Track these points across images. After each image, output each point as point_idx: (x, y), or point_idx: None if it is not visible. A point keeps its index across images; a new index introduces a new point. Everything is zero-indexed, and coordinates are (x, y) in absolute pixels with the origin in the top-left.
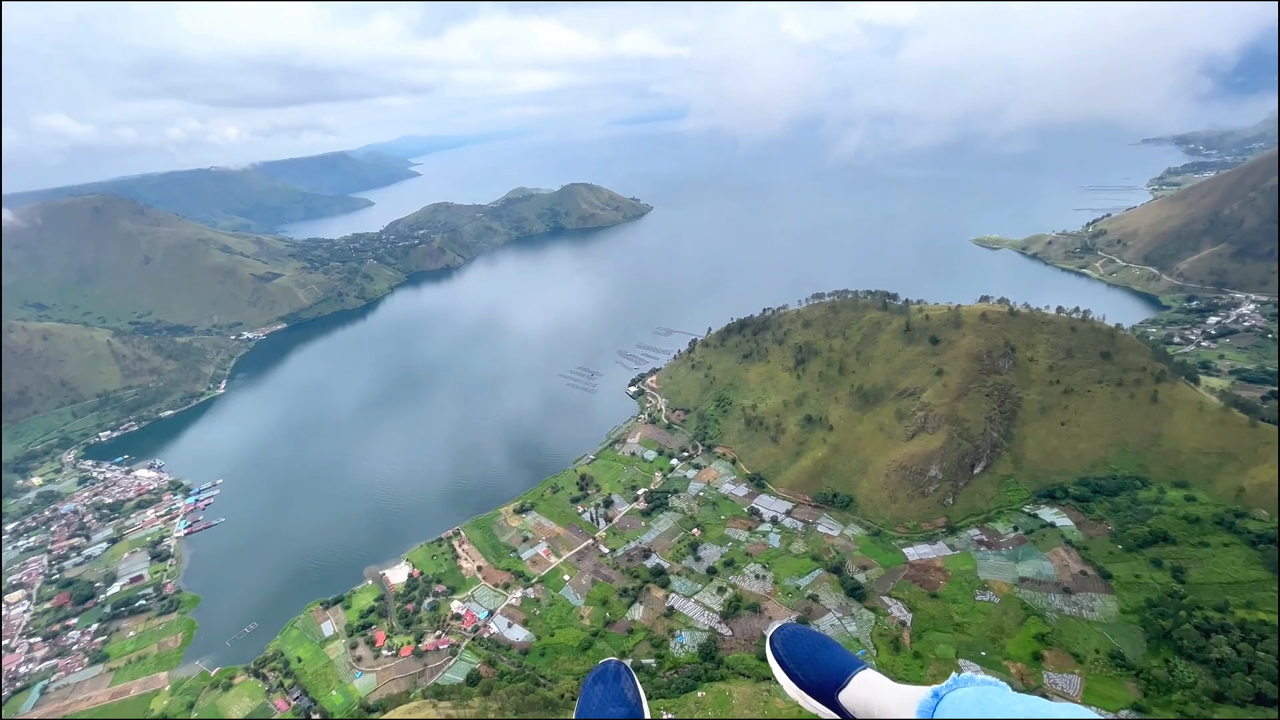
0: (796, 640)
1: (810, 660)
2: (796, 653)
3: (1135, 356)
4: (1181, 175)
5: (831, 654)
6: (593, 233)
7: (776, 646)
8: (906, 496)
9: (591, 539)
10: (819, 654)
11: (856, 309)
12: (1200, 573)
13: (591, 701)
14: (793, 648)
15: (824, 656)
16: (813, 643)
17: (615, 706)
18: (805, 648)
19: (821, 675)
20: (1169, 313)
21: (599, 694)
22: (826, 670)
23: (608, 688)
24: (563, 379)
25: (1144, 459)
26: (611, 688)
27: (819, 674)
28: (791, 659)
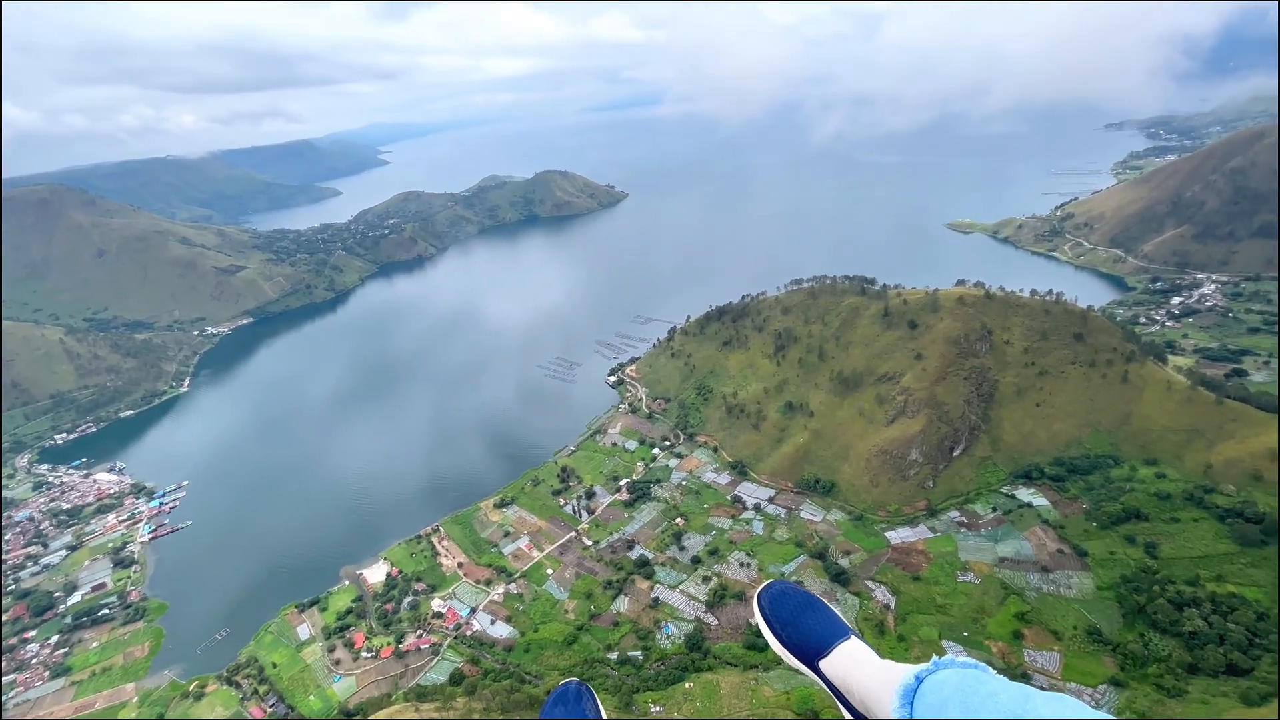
0: (784, 599)
1: (795, 621)
2: (782, 612)
3: (1106, 338)
4: (1143, 159)
5: (817, 618)
6: (567, 221)
7: (764, 603)
8: (888, 480)
9: (574, 532)
10: (804, 616)
11: (835, 294)
12: (1172, 548)
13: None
14: (779, 607)
15: (809, 619)
16: (799, 603)
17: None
18: (791, 608)
19: (805, 638)
20: (1135, 294)
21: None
22: (810, 634)
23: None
24: (541, 369)
25: (1116, 438)
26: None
27: (802, 637)
28: (777, 618)
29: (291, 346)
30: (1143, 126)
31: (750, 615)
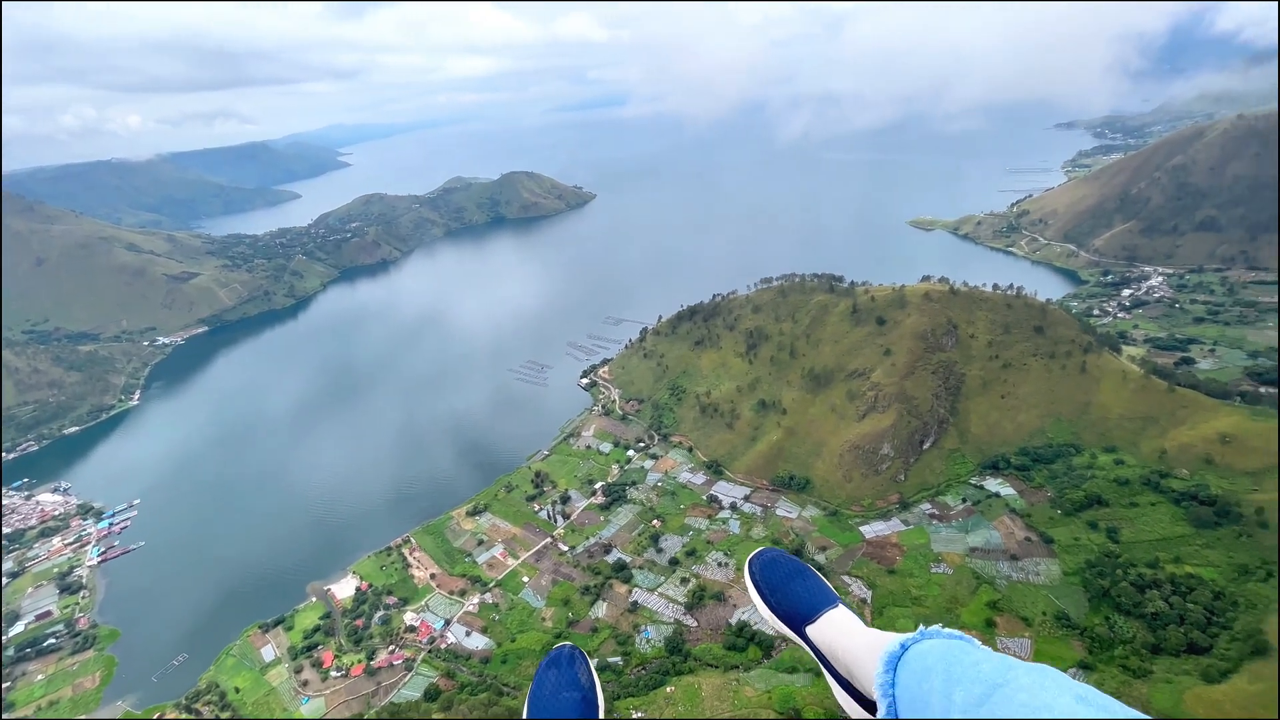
0: (774, 566)
1: (784, 588)
2: (772, 579)
3: (1064, 330)
4: (1091, 157)
5: (806, 585)
6: (535, 222)
7: (754, 570)
8: (861, 475)
9: (550, 537)
10: (793, 583)
11: (804, 292)
12: (1132, 531)
13: (545, 687)
14: (769, 573)
15: (797, 587)
16: (789, 571)
17: (569, 691)
18: (781, 575)
19: (793, 605)
20: (1088, 287)
21: (552, 679)
22: (798, 601)
23: (561, 673)
24: (512, 373)
25: (1076, 427)
26: (565, 673)
27: (791, 603)
28: (766, 584)
29: (250, 355)
30: (1090, 126)
31: (729, 615)
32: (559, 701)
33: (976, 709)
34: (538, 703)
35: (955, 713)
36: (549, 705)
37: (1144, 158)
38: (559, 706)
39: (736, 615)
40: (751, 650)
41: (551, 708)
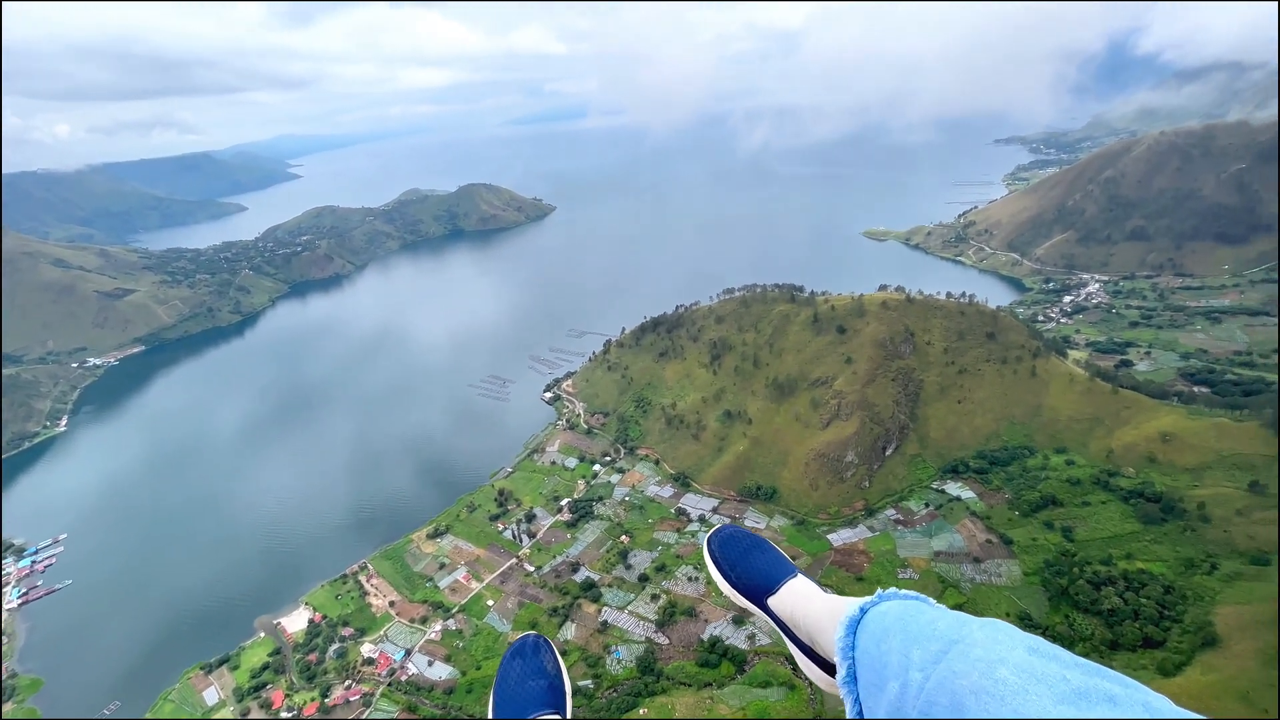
0: (732, 542)
1: (743, 563)
2: (730, 554)
3: (1015, 335)
4: (1029, 171)
5: (765, 558)
6: (494, 234)
7: (713, 547)
8: (826, 484)
9: (515, 558)
10: (752, 556)
11: (766, 302)
12: (1085, 530)
13: (510, 676)
14: (727, 549)
15: (756, 560)
16: (747, 545)
17: (534, 679)
18: (739, 550)
19: (753, 578)
20: (1032, 294)
21: (517, 668)
22: (758, 574)
23: (526, 661)
24: (472, 389)
25: (1029, 429)
26: (530, 661)
27: (750, 577)
28: (726, 560)
29: (192, 375)
30: (1026, 142)
31: (701, 631)
32: (525, 690)
33: (933, 665)
34: (503, 693)
35: (914, 671)
36: (515, 694)
37: (1077, 171)
38: (525, 695)
39: (709, 631)
40: (725, 666)
41: (518, 697)
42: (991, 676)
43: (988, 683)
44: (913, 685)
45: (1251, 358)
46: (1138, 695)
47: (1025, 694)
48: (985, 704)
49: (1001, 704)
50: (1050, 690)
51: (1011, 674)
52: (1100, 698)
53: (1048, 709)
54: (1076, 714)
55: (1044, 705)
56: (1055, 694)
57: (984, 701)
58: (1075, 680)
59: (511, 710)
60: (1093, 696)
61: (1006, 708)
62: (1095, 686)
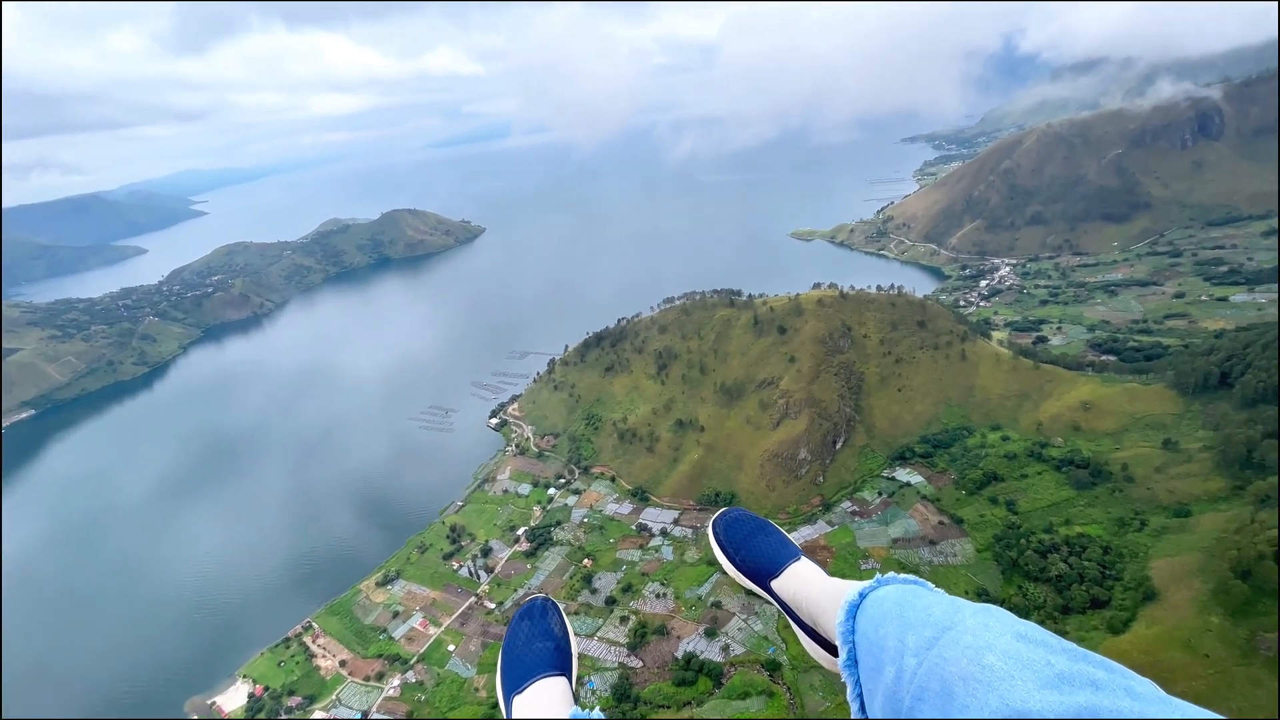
0: (736, 525)
1: (747, 545)
2: (735, 538)
3: (943, 322)
4: (935, 166)
5: (769, 541)
6: (423, 260)
7: (718, 531)
8: (783, 483)
9: (474, 596)
10: (755, 539)
11: (707, 308)
12: (1026, 501)
13: (518, 636)
14: (732, 533)
15: (760, 543)
16: (751, 528)
17: (541, 641)
18: (743, 533)
19: (757, 561)
20: (951, 281)
21: (525, 629)
22: (762, 556)
23: (534, 623)
24: (413, 422)
25: (965, 410)
26: (538, 623)
27: (754, 559)
28: (730, 544)
29: (96, 437)
30: (930, 139)
31: (674, 649)
32: (531, 651)
33: (926, 652)
34: (511, 655)
35: (908, 656)
36: (522, 656)
37: (979, 164)
38: (532, 657)
39: (682, 647)
40: (702, 682)
41: (524, 658)
42: (979, 663)
43: (975, 669)
44: (907, 671)
45: (1147, 325)
46: (1121, 680)
47: (1011, 679)
48: (973, 690)
49: (989, 690)
50: (1035, 675)
51: (998, 660)
52: (1084, 682)
53: (1032, 694)
54: (1060, 698)
55: (1028, 690)
56: (1040, 679)
57: (972, 688)
58: (1060, 665)
59: (518, 671)
60: (1076, 681)
61: (994, 694)
62: (1079, 671)
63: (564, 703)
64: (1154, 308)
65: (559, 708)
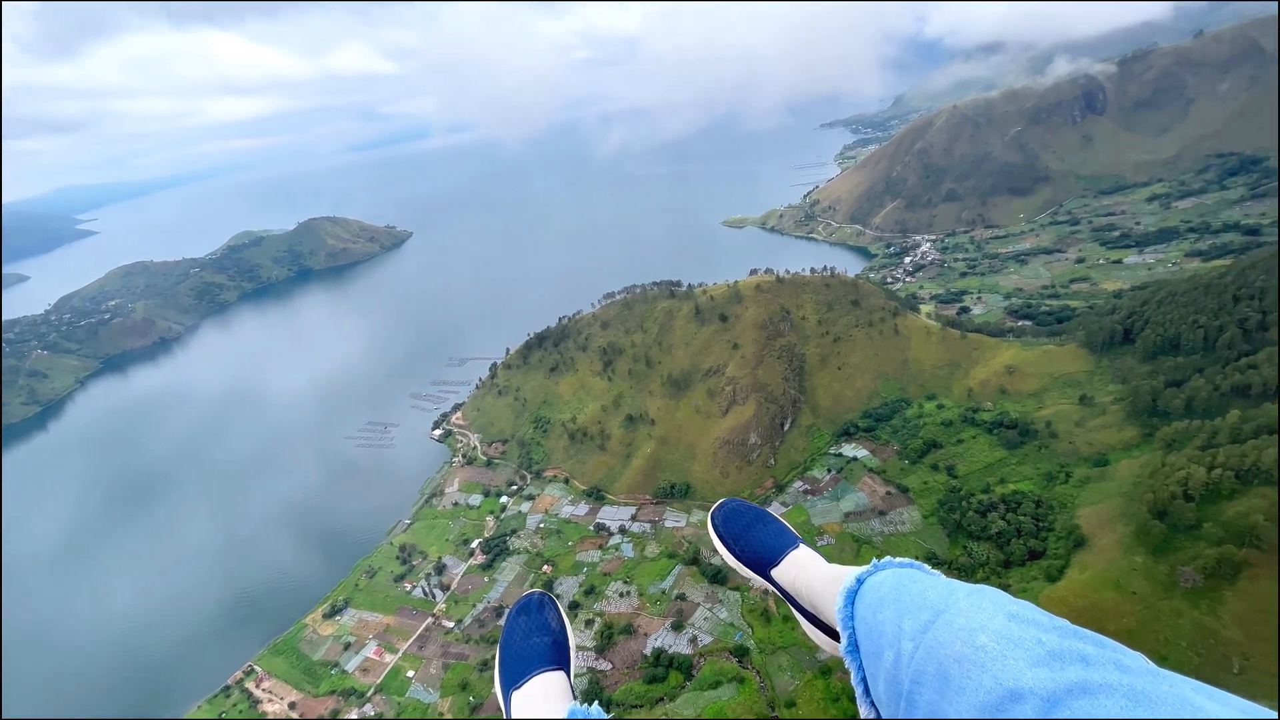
0: (735, 516)
1: (746, 535)
2: (734, 528)
3: (875, 300)
4: (854, 150)
5: (767, 530)
6: (348, 269)
7: (717, 522)
8: (736, 469)
9: (430, 617)
10: (754, 529)
11: (648, 301)
12: (964, 465)
13: (515, 632)
14: (731, 524)
15: (759, 532)
16: (750, 519)
17: (539, 636)
18: (742, 523)
19: (757, 550)
20: (878, 259)
21: (522, 624)
22: (761, 546)
23: (530, 618)
24: (350, 440)
25: (902, 383)
26: (535, 618)
27: (755, 549)
28: (730, 534)
29: None
30: (847, 124)
31: (643, 646)
32: (529, 647)
33: (922, 635)
34: (508, 651)
35: (905, 640)
36: (519, 652)
37: (894, 146)
38: (530, 652)
39: (650, 644)
40: (673, 676)
41: (522, 654)
42: (973, 644)
43: (969, 650)
44: (905, 655)
45: (1056, 290)
46: (1110, 654)
47: (1004, 659)
48: (968, 671)
49: (982, 670)
50: (1027, 654)
51: (991, 641)
52: (1074, 658)
53: (1024, 672)
54: (1051, 675)
55: (1020, 669)
56: (1031, 657)
57: (966, 669)
58: (1050, 643)
59: (517, 667)
60: (1067, 657)
61: (987, 674)
62: (1070, 648)
63: (563, 696)
64: (1060, 273)
65: (558, 702)
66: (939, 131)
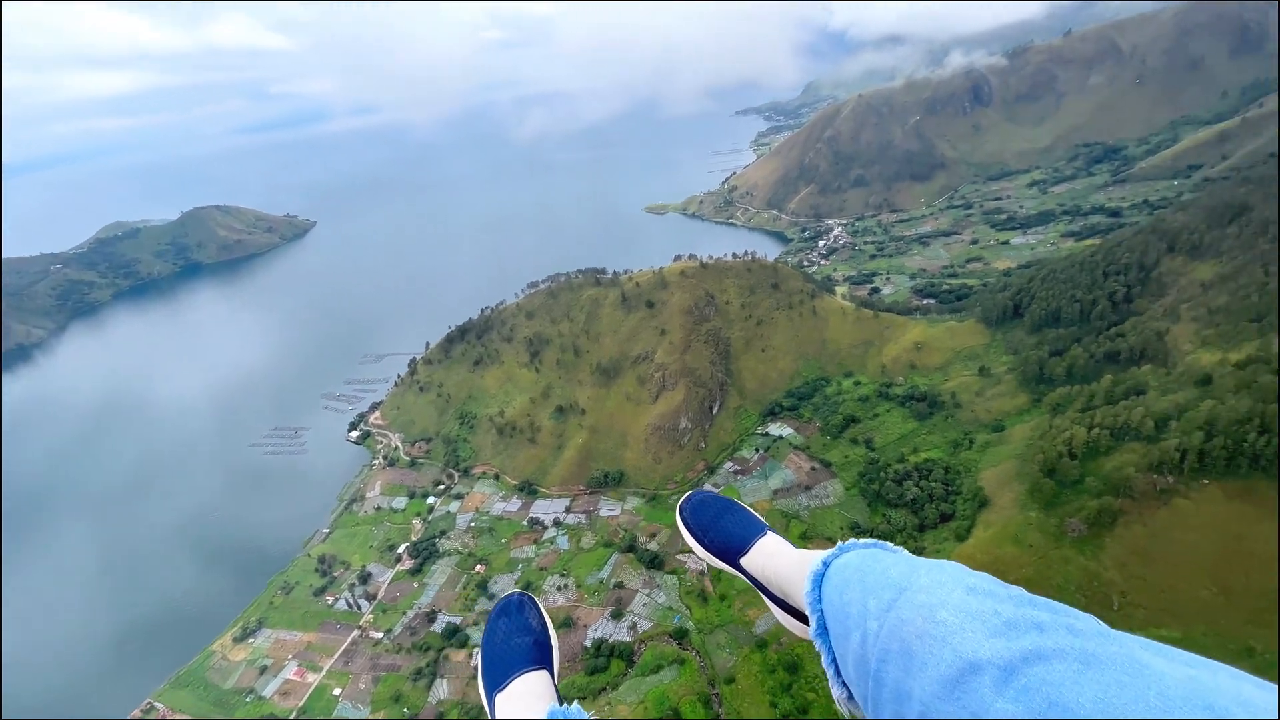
0: (703, 508)
1: (714, 526)
2: (702, 520)
3: (794, 283)
4: (768, 137)
5: (735, 519)
6: (243, 263)
7: (685, 515)
8: (668, 454)
9: (357, 629)
10: (722, 519)
11: (573, 289)
12: (881, 437)
13: (496, 634)
14: (699, 515)
15: (727, 522)
16: (717, 509)
17: (520, 636)
18: (710, 514)
19: (725, 540)
20: (794, 244)
21: (503, 626)
22: (730, 535)
23: (511, 619)
24: (257, 448)
25: (820, 362)
26: (515, 618)
27: (723, 539)
28: (698, 526)
29: None
30: (760, 111)
31: (583, 638)
32: (511, 647)
33: (886, 614)
34: (490, 652)
35: (870, 620)
36: (501, 653)
37: (807, 133)
38: (511, 653)
39: (589, 635)
40: (614, 665)
41: (504, 655)
42: (934, 619)
43: (930, 626)
44: (870, 634)
45: (954, 269)
46: (1063, 619)
47: (963, 632)
48: (929, 646)
49: (943, 644)
50: (984, 625)
51: (951, 615)
52: (1029, 626)
53: (982, 643)
54: (1007, 644)
55: (978, 640)
56: (988, 628)
57: (928, 644)
58: (1006, 613)
59: (499, 669)
60: (1021, 626)
61: (948, 648)
62: (1025, 616)
63: (547, 695)
64: (957, 254)
65: (542, 701)
66: (846, 120)
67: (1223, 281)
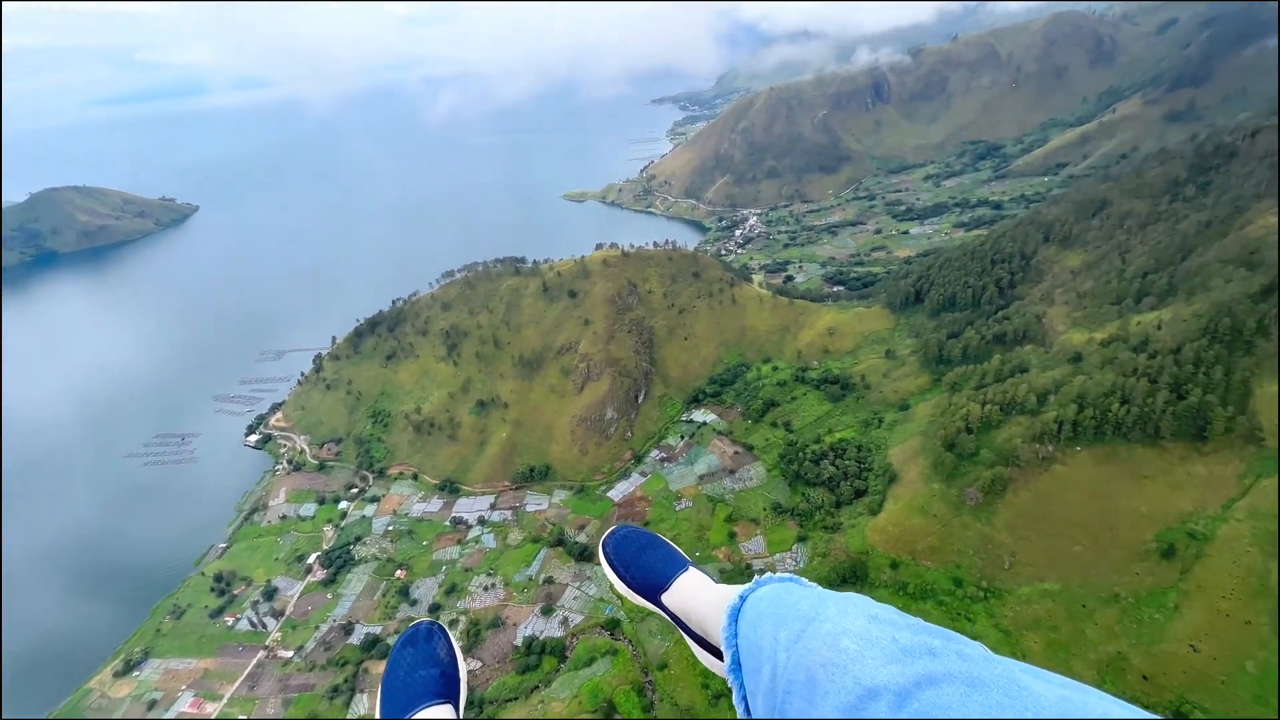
0: (625, 543)
1: (636, 562)
2: (624, 555)
3: (713, 271)
4: (684, 127)
5: (657, 555)
6: (110, 251)
7: (608, 550)
8: (594, 445)
9: (262, 650)
10: (644, 555)
11: (491, 279)
12: (799, 420)
13: (400, 665)
14: (621, 551)
15: (649, 558)
16: (640, 544)
17: (425, 668)
18: (632, 550)
19: (646, 576)
20: (712, 233)
21: (407, 657)
22: (650, 571)
23: (418, 650)
24: (135, 459)
25: (740, 348)
26: (422, 649)
27: (644, 575)
28: (620, 561)
29: None
30: (675, 100)
31: (513, 637)
32: (414, 680)
33: (794, 645)
34: (391, 685)
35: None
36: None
37: (721, 124)
38: (415, 686)
39: (520, 634)
40: (546, 662)
41: (407, 688)
42: (836, 648)
43: (833, 654)
44: (780, 666)
45: (861, 258)
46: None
47: (863, 659)
48: (831, 674)
49: (844, 672)
50: (882, 652)
51: (852, 643)
52: (922, 652)
53: (880, 669)
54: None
55: (877, 666)
56: (886, 654)
57: (830, 673)
58: (903, 640)
59: (400, 703)
60: (916, 652)
61: (848, 675)
62: (919, 643)
63: None
64: (863, 243)
65: None
66: (759, 112)
67: (1088, 269)
